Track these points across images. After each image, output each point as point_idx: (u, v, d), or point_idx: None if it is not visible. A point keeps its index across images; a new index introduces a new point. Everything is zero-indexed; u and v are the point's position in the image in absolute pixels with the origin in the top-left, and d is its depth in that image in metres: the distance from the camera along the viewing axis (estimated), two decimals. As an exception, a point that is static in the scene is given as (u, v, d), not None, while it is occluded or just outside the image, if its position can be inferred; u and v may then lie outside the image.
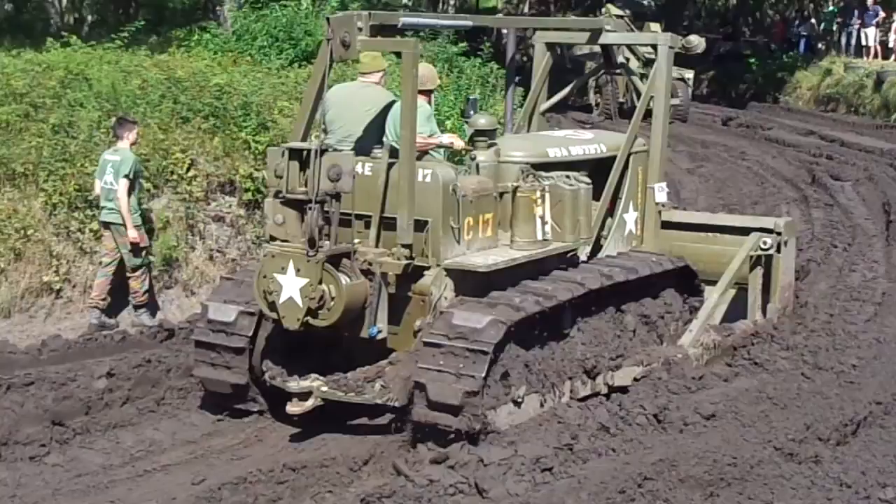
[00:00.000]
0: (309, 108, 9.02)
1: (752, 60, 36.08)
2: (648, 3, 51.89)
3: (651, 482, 7.26)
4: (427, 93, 9.29)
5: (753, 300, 10.96)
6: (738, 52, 37.42)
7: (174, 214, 12.25)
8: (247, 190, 12.85)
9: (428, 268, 8.56)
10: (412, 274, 8.52)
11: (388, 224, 8.61)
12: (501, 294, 8.56)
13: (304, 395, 8.54)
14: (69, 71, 13.09)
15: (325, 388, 8.52)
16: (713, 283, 10.68)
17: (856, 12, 35.09)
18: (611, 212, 10.53)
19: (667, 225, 11.08)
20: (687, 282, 10.69)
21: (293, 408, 8.58)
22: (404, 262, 8.39)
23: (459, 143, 9.67)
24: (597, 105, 30.70)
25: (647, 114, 10.91)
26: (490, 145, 9.54)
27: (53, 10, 23.58)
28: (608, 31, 11.16)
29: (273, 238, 8.47)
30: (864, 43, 34.15)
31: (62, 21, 23.26)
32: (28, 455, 8.34)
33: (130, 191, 11.20)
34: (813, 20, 37.72)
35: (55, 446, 8.54)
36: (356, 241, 8.47)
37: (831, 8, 37.66)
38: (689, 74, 30.67)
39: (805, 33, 36.44)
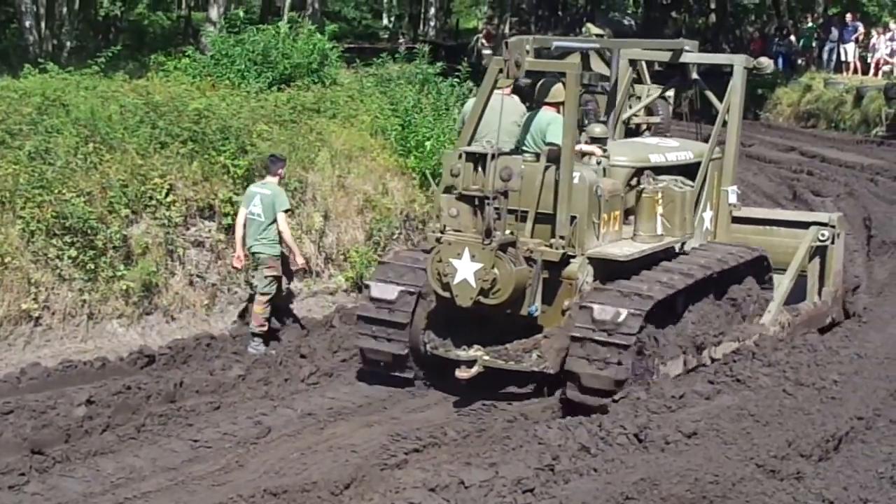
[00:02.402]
0: (476, 118, 10.36)
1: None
2: (629, 23, 52.19)
3: (633, 502, 7.26)
4: (559, 105, 10.40)
5: (812, 285, 12.32)
6: (719, 69, 37.33)
7: (153, 240, 12.19)
8: (226, 214, 12.81)
9: (573, 256, 9.91)
10: (561, 261, 9.90)
11: (541, 218, 10.01)
12: (629, 284, 9.83)
13: (470, 363, 9.85)
14: (46, 97, 13.02)
15: (486, 358, 9.88)
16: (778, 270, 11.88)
17: (834, 28, 35.23)
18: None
19: (734, 220, 12.28)
20: (759, 269, 11.71)
21: (462, 373, 9.87)
22: (561, 251, 9.81)
23: (598, 152, 10.86)
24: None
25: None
26: (604, 151, 10.91)
27: (32, 37, 23.48)
28: (688, 51, 12.20)
29: (445, 228, 9.86)
30: (843, 59, 34.26)
31: (41, 48, 23.16)
32: (7, 484, 8.28)
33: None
34: (792, 37, 37.80)
35: (34, 475, 8.48)
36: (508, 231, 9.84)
37: (810, 24, 37.79)
38: (670, 92, 30.70)
39: (785, 50, 36.50)
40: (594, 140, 11.01)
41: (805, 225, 12.40)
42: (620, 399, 9.22)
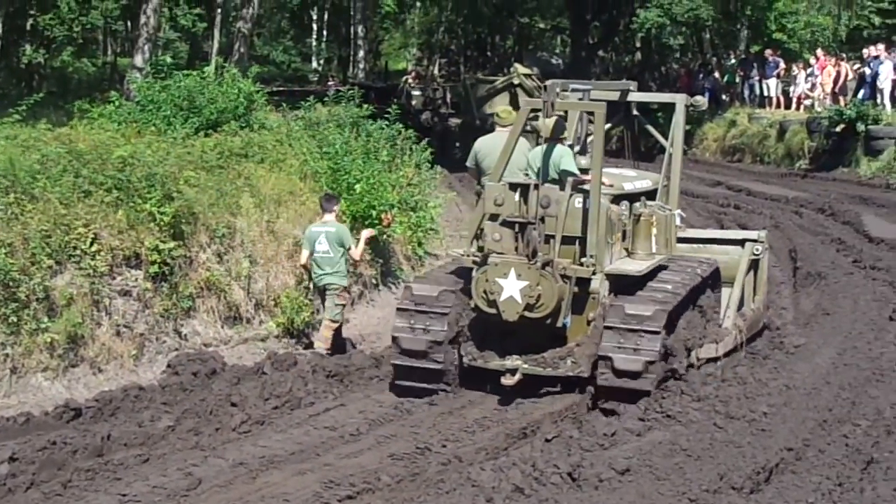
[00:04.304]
0: (509, 153, 11.29)
1: (660, 114, 36.50)
2: (557, 62, 52.74)
3: (567, 542, 7.22)
4: (563, 139, 11.67)
5: (749, 294, 13.15)
6: (646, 106, 37.65)
7: (78, 290, 12.03)
8: (153, 262, 12.69)
9: (595, 273, 10.95)
10: (584, 278, 10.95)
11: (566, 240, 10.95)
12: (644, 293, 10.93)
13: (513, 371, 10.81)
14: (-37, 148, 12.87)
15: (526, 366, 10.89)
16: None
17: (755, 64, 35.82)
18: None
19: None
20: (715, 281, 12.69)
21: (507, 381, 10.80)
22: (591, 268, 10.88)
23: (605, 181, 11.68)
24: None
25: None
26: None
27: (-47, 87, 23.25)
28: (632, 90, 13.28)
29: (490, 252, 10.97)
30: (766, 94, 34.84)
31: (-38, 98, 22.93)
32: (-72, 547, 8.08)
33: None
34: (717, 73, 38.39)
35: (-44, 536, 8.28)
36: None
37: (733, 61, 38.38)
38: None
39: (709, 86, 37.01)
40: (583, 171, 11.62)
41: (735, 242, 13.34)
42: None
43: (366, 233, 14.18)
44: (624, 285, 11.15)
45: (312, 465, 9.60)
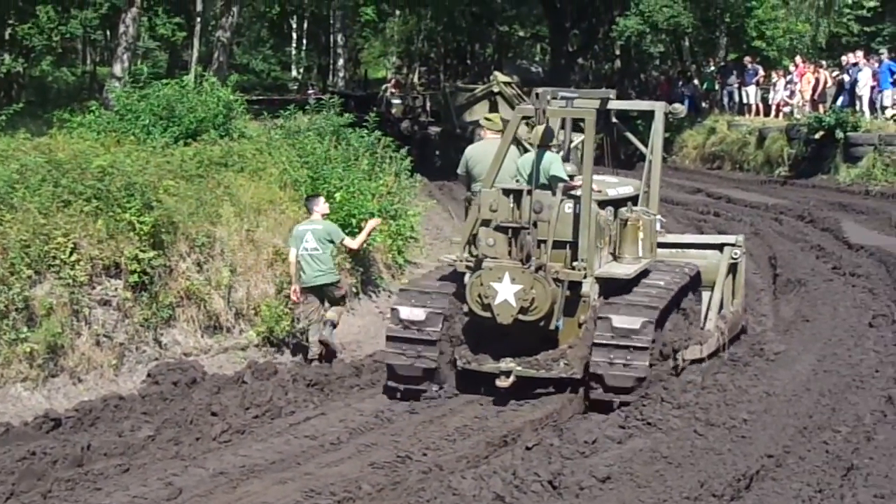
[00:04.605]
0: (501, 160, 11.50)
1: (640, 122, 36.54)
2: (536, 70, 52.85)
3: (548, 550, 7.22)
4: (552, 147, 12.05)
5: (728, 296, 13.41)
6: (626, 114, 37.66)
7: (58, 300, 11.98)
8: (133, 272, 12.65)
9: (585, 277, 11.20)
10: (575, 281, 11.21)
11: (557, 245, 11.18)
12: (631, 297, 11.22)
13: (507, 374, 11.07)
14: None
15: (520, 368, 11.13)
16: None
17: (734, 71, 35.92)
18: None
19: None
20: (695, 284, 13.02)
21: (502, 383, 11.09)
22: (583, 272, 11.13)
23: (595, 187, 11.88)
24: None
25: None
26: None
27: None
28: (612, 98, 13.30)
29: (484, 256, 11.17)
30: (745, 101, 34.93)
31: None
32: None
33: None
34: (696, 80, 38.48)
35: (-65, 548, 8.23)
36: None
37: (712, 68, 38.47)
38: (580, 138, 31.01)
39: (689, 93, 37.07)
40: (571, 177, 11.96)
41: (713, 246, 13.66)
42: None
43: (372, 222, 14.69)
44: (612, 288, 11.41)
45: (293, 473, 9.58)
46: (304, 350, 13.95)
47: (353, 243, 14.26)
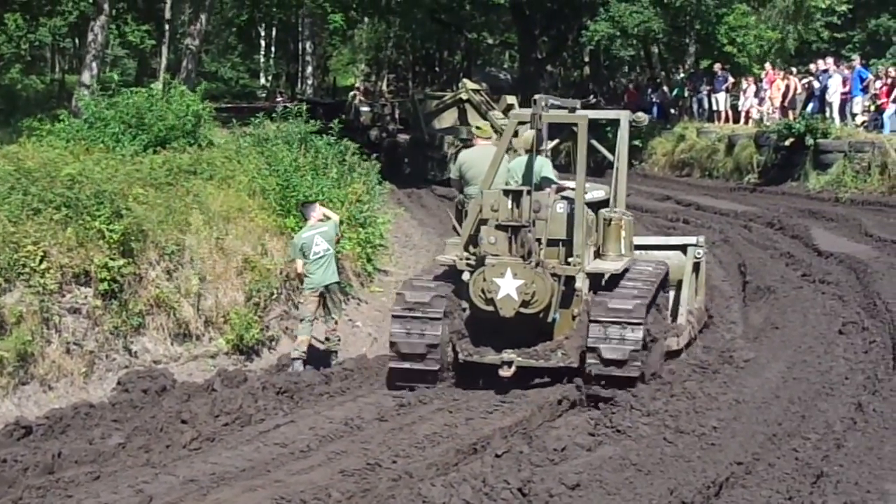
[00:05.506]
0: (498, 163, 12.19)
1: (608, 129, 36.49)
2: (505, 77, 52.97)
3: (518, 557, 7.23)
4: (542, 151, 12.82)
5: (693, 293, 14.22)
6: (595, 122, 37.55)
7: (27, 308, 11.95)
8: (102, 280, 12.61)
9: (579, 272, 11.96)
10: (570, 276, 11.95)
11: (551, 242, 11.90)
12: (620, 290, 11.94)
13: (508, 364, 11.78)
14: None
15: (520, 359, 11.82)
16: None
17: (704, 78, 36.05)
18: None
19: None
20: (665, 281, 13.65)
21: (504, 373, 11.82)
22: (578, 267, 11.89)
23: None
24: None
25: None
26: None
27: None
28: (578, 108, 14.14)
29: (486, 254, 11.80)
30: (715, 108, 35.01)
31: None
32: None
33: None
34: (665, 87, 38.57)
35: None
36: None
37: (681, 75, 38.59)
38: (550, 145, 31.06)
39: (658, 100, 37.20)
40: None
41: (676, 248, 14.49)
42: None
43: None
44: (600, 283, 12.22)
45: (263, 481, 9.58)
46: (277, 356, 14.01)
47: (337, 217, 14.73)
